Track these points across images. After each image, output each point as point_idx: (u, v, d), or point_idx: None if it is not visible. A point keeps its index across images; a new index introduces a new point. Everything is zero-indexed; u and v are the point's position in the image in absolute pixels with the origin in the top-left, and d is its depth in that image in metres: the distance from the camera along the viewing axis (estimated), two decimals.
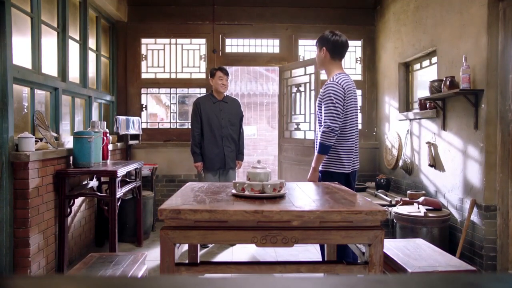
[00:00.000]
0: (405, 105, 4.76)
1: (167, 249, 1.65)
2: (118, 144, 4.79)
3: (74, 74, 4.09)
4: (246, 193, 1.90)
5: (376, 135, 5.46)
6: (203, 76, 5.42)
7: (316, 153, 2.79)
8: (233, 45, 5.49)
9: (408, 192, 4.00)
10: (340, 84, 2.77)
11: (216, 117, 4.20)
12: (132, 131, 4.89)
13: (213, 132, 4.18)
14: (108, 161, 4.00)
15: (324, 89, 2.81)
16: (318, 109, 2.91)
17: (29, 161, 2.83)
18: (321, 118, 2.84)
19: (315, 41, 3.06)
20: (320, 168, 2.82)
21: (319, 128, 2.87)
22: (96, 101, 4.62)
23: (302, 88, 4.89)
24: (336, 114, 2.71)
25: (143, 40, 5.40)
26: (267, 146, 10.96)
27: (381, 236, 1.68)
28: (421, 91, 4.46)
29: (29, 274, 2.88)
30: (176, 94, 5.54)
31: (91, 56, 4.52)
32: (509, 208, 3.10)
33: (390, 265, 2.33)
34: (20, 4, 3.11)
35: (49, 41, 3.61)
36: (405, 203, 3.78)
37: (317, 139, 2.90)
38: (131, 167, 3.86)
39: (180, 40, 5.44)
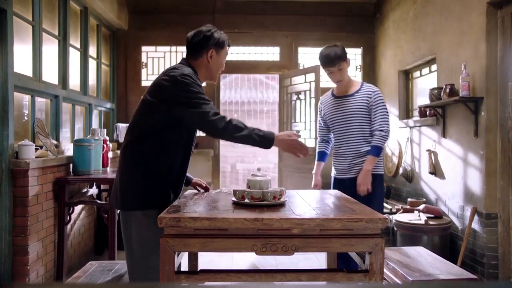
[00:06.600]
0: (405, 113, 4.77)
1: (167, 257, 1.64)
2: (118, 151, 4.78)
3: (74, 81, 4.10)
4: (246, 201, 1.90)
5: None
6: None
7: (372, 156, 2.80)
8: (233, 52, 5.51)
9: (409, 199, 3.99)
10: None
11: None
12: None
13: (185, 159, 2.12)
14: (108, 168, 3.99)
15: (375, 94, 2.83)
16: (361, 114, 2.85)
17: (29, 168, 2.82)
18: (362, 122, 2.85)
19: (327, 54, 2.80)
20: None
21: (353, 134, 2.87)
22: (96, 109, 4.62)
23: (302, 96, 4.90)
24: (388, 119, 2.86)
25: (144, 48, 5.42)
26: (267, 154, 10.95)
27: (382, 244, 1.67)
28: (421, 98, 4.47)
29: (27, 282, 2.86)
30: None
31: (92, 64, 4.54)
32: (510, 216, 3.09)
33: (391, 273, 2.31)
34: (22, 13, 3.13)
35: (50, 49, 3.63)
36: (406, 211, 3.76)
37: (328, 145, 3.10)
38: None
39: (180, 48, 5.46)
